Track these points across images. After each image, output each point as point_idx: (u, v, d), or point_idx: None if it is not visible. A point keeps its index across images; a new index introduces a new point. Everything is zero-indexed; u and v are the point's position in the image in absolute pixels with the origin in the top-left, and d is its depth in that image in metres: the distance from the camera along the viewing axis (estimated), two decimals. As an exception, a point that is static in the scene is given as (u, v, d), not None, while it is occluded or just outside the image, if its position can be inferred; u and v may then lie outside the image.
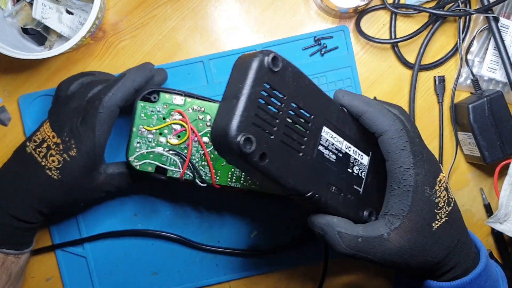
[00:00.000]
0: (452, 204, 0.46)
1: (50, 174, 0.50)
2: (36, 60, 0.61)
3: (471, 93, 0.62)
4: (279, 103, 0.40)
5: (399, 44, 0.62)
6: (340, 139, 0.45)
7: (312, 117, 0.43)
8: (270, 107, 0.40)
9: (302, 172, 0.42)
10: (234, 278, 0.62)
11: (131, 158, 0.53)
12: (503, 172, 0.59)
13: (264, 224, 0.61)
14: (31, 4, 0.59)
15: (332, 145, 0.44)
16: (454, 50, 0.62)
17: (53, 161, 0.50)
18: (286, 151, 0.41)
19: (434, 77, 0.62)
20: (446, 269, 0.46)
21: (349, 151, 0.46)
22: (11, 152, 0.62)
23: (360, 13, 0.62)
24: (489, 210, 0.63)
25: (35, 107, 0.61)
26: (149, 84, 0.54)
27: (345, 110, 0.46)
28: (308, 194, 0.43)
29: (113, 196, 0.61)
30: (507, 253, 0.62)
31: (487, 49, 0.61)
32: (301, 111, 0.42)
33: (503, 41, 0.59)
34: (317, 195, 0.43)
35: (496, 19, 0.59)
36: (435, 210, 0.44)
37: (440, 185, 0.45)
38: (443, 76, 0.62)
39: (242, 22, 0.62)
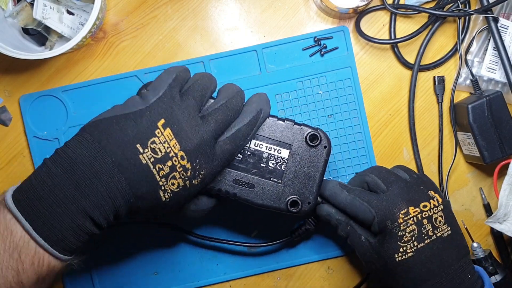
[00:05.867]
0: (425, 241, 0.46)
1: (161, 195, 0.43)
2: (37, 61, 0.61)
3: (471, 93, 0.63)
4: None
5: (398, 44, 0.62)
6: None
7: None
8: None
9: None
10: (234, 277, 0.62)
11: None
12: (503, 172, 0.59)
13: (264, 224, 0.62)
14: (32, 4, 0.59)
15: None
16: (454, 51, 0.63)
17: (173, 184, 0.43)
18: None
19: (434, 77, 0.63)
20: None
21: (260, 148, 0.51)
22: (12, 152, 0.62)
23: (360, 13, 0.62)
24: (488, 210, 0.63)
25: (36, 107, 0.61)
26: None
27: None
28: (217, 190, 0.50)
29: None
30: (506, 253, 0.63)
31: (486, 50, 0.61)
32: None
33: (502, 42, 0.59)
34: (225, 190, 0.50)
35: (496, 20, 0.59)
36: (399, 243, 0.46)
37: (405, 218, 0.46)
38: (443, 76, 0.62)
39: (242, 22, 0.63)
